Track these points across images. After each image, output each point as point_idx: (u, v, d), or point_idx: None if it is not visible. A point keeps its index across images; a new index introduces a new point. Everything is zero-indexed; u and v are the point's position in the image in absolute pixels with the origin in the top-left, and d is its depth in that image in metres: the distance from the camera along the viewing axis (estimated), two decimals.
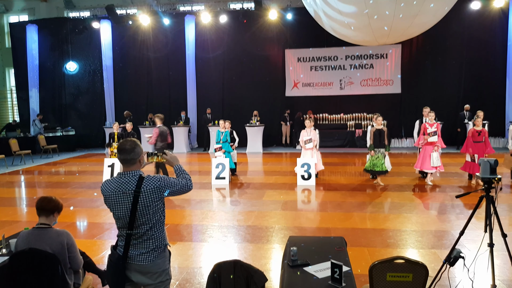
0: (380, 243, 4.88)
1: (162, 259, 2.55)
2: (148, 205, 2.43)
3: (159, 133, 8.10)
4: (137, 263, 2.49)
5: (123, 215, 2.46)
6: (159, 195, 2.47)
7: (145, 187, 2.42)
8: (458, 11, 12.75)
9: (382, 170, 8.03)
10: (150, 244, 2.50)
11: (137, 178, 2.45)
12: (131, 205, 2.41)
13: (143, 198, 2.41)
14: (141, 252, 2.50)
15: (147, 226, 2.47)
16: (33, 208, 6.95)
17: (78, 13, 16.57)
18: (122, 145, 2.49)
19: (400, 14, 7.61)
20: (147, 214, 2.44)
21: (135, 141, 2.53)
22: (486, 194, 3.17)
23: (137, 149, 2.49)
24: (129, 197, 2.41)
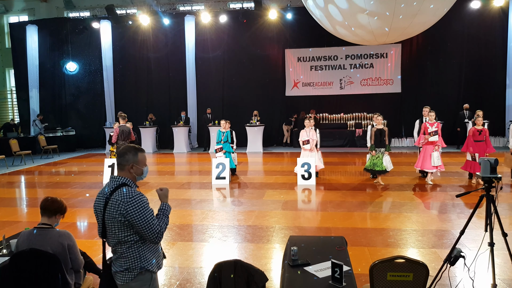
0: (380, 242, 4.88)
1: (138, 283, 2.34)
2: (113, 218, 2.25)
3: (119, 131, 8.65)
4: (116, 280, 2.40)
5: (98, 218, 2.37)
6: (122, 218, 2.24)
7: (113, 199, 2.25)
8: (458, 10, 12.76)
9: (382, 170, 8.04)
10: (122, 263, 2.35)
11: (116, 185, 2.30)
12: (102, 209, 2.31)
13: (109, 207, 2.26)
14: (116, 270, 2.40)
15: (115, 240, 2.34)
16: (33, 208, 6.99)
17: (78, 13, 16.56)
18: (119, 148, 2.45)
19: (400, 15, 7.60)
20: (113, 227, 2.28)
21: (130, 147, 2.40)
22: (487, 193, 3.17)
23: (128, 156, 2.35)
24: (103, 201, 2.31)
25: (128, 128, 8.88)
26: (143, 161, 2.42)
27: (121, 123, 8.90)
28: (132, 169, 2.37)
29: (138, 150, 2.41)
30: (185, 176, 9.97)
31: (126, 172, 2.38)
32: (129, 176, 2.38)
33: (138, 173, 2.41)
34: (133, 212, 2.22)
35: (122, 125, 8.86)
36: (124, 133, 8.75)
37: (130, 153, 2.37)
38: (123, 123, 8.91)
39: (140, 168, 2.40)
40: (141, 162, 2.40)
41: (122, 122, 8.92)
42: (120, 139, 8.70)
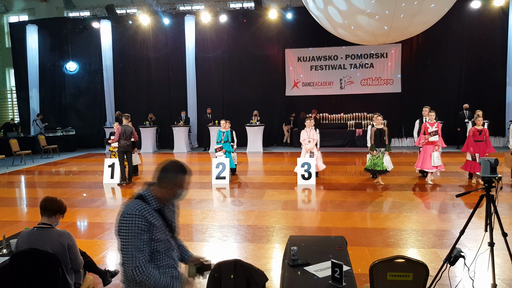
0: (380, 242, 4.88)
1: None
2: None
3: (121, 131, 8.72)
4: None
5: None
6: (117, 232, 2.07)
7: (122, 210, 2.09)
8: (458, 10, 12.75)
9: (382, 170, 8.04)
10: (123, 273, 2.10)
11: (135, 195, 2.16)
12: None
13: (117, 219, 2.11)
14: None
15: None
16: (33, 208, 6.99)
17: (78, 13, 16.56)
18: (162, 163, 2.18)
19: (401, 14, 7.60)
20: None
21: (176, 165, 2.16)
22: (487, 193, 3.17)
23: (169, 174, 2.12)
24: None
25: (130, 128, 8.91)
26: (182, 184, 2.16)
27: (124, 122, 8.96)
28: (166, 190, 2.14)
29: (182, 172, 2.15)
30: None
31: (158, 187, 2.16)
32: (158, 193, 2.16)
33: (172, 195, 2.17)
34: (120, 229, 2.03)
35: (125, 124, 8.90)
36: (126, 132, 8.81)
37: (171, 172, 2.14)
38: (126, 122, 8.95)
39: (176, 191, 2.16)
40: (180, 184, 2.15)
41: (125, 121, 8.97)
42: (122, 139, 8.77)
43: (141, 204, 2.09)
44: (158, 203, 2.16)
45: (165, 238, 2.17)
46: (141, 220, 2.04)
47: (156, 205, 2.15)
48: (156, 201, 2.15)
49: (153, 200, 2.14)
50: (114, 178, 9.07)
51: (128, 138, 8.83)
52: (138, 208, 2.07)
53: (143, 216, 2.05)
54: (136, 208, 2.06)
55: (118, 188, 8.59)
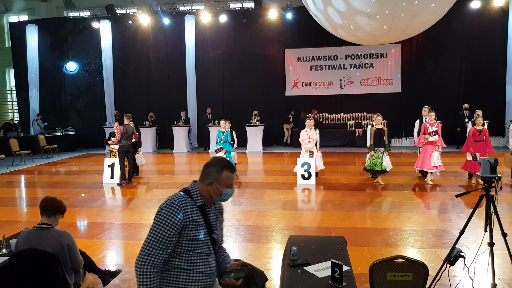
0: (380, 242, 4.88)
1: None
2: None
3: (123, 131, 8.75)
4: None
5: None
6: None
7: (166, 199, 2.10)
8: (458, 10, 12.75)
9: (381, 170, 8.04)
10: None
11: (182, 189, 2.15)
12: None
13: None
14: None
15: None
16: (33, 208, 6.99)
17: (78, 13, 16.56)
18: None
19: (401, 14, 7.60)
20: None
21: (217, 160, 2.12)
22: (486, 193, 3.17)
23: (211, 169, 2.10)
24: None
25: (131, 128, 8.93)
26: (226, 181, 2.09)
27: (126, 122, 8.99)
28: (210, 186, 2.09)
29: (225, 167, 2.09)
30: (185, 176, 9.97)
31: (202, 184, 2.12)
32: (203, 191, 2.11)
33: (216, 194, 2.10)
34: (156, 214, 2.02)
35: (126, 124, 8.93)
36: (128, 132, 8.83)
37: (215, 167, 2.09)
38: (127, 122, 8.99)
39: (220, 189, 2.09)
40: (223, 181, 2.08)
41: (127, 121, 9.00)
42: (123, 138, 8.80)
43: (185, 198, 2.06)
44: (202, 200, 2.11)
45: (202, 239, 2.07)
46: (179, 212, 1.99)
47: (199, 201, 2.10)
48: (200, 198, 2.11)
49: (197, 196, 2.10)
50: (114, 178, 9.06)
51: (129, 138, 8.86)
52: (181, 200, 2.03)
53: (182, 209, 2.01)
54: (179, 200, 2.03)
55: (118, 188, 8.59)
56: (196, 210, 2.07)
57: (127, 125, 8.93)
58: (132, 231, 5.55)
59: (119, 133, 8.83)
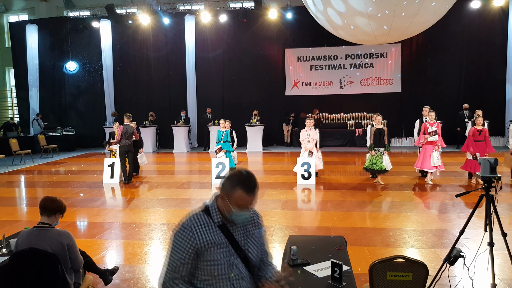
0: (380, 242, 4.88)
1: None
2: None
3: (123, 130, 8.82)
4: None
5: None
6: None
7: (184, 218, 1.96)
8: (458, 10, 12.74)
9: (381, 169, 8.04)
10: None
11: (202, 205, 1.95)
12: None
13: None
14: None
15: None
16: (33, 207, 6.99)
17: (78, 12, 16.56)
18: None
19: (403, 13, 7.59)
20: None
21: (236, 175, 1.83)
22: (486, 193, 3.17)
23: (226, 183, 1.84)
24: None
25: (132, 128, 8.99)
26: (237, 201, 1.80)
27: (126, 122, 9.05)
28: (223, 201, 1.85)
29: (240, 185, 1.79)
30: (185, 175, 9.98)
31: (219, 196, 1.90)
32: (220, 205, 1.88)
33: (227, 211, 1.85)
34: (172, 238, 1.86)
35: (126, 124, 8.99)
36: (128, 132, 8.91)
37: (230, 180, 1.83)
38: (127, 122, 9.05)
39: (229, 207, 1.82)
40: (235, 200, 1.80)
41: (127, 121, 9.06)
42: (124, 138, 8.88)
43: (202, 218, 1.86)
44: (221, 217, 1.87)
45: (225, 261, 1.84)
46: (192, 237, 1.80)
47: (219, 220, 1.87)
48: (219, 215, 1.87)
49: (216, 213, 1.88)
50: (114, 178, 9.07)
51: (129, 137, 8.91)
52: (196, 222, 1.84)
53: (196, 233, 1.81)
54: (193, 222, 1.84)
55: (118, 188, 8.59)
56: (217, 230, 1.85)
57: (127, 124, 8.98)
58: (132, 230, 5.55)
59: (119, 133, 8.89)
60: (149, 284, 3.87)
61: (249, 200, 1.81)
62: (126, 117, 9.13)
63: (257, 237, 1.99)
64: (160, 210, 6.53)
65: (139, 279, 3.96)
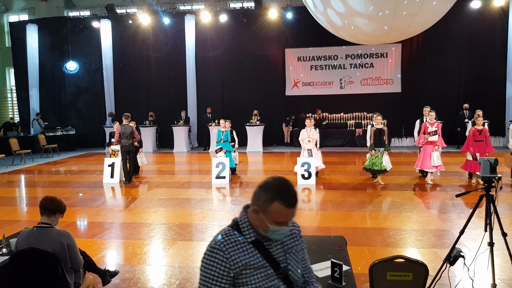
0: (380, 242, 4.88)
1: None
2: None
3: (120, 131, 8.88)
4: None
5: None
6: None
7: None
8: (459, 10, 12.75)
9: (381, 169, 8.03)
10: None
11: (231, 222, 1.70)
12: None
13: None
14: None
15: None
16: (33, 207, 6.99)
17: (78, 12, 16.57)
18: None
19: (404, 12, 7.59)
20: None
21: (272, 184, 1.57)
22: (486, 193, 3.17)
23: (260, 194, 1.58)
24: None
25: (130, 128, 8.97)
26: (275, 216, 1.55)
27: (124, 122, 9.05)
28: (256, 215, 1.59)
29: (279, 197, 1.53)
30: (185, 175, 9.98)
31: (250, 209, 1.64)
32: (251, 218, 1.63)
33: (262, 227, 1.59)
34: (201, 263, 1.62)
35: (124, 124, 9.00)
36: (126, 132, 8.92)
37: (266, 192, 1.56)
38: (126, 122, 9.05)
39: (265, 223, 1.57)
40: (272, 215, 1.55)
41: (125, 121, 9.07)
42: (123, 138, 8.91)
43: (232, 236, 1.61)
44: (253, 233, 1.62)
45: (264, 285, 1.60)
46: (224, 261, 1.56)
47: (251, 236, 1.62)
48: (251, 231, 1.62)
49: (248, 229, 1.63)
50: (114, 178, 9.07)
51: (128, 137, 8.89)
52: (226, 241, 1.59)
53: (228, 254, 1.57)
54: (222, 241, 1.59)
55: (118, 188, 8.60)
56: (250, 249, 1.60)
57: (126, 125, 8.99)
58: (132, 230, 5.55)
59: (117, 133, 8.93)
60: (149, 284, 3.87)
61: (289, 215, 1.55)
62: (125, 117, 9.13)
63: (297, 252, 1.73)
64: (160, 210, 6.54)
65: (139, 279, 3.96)
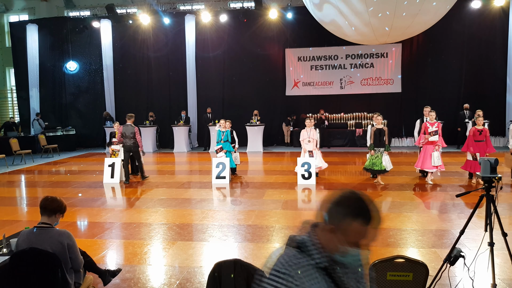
0: (380, 242, 4.88)
1: None
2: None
3: (122, 131, 8.99)
4: None
5: None
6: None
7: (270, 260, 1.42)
8: (459, 10, 12.74)
9: (381, 169, 8.03)
10: None
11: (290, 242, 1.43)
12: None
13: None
14: None
15: None
16: (33, 207, 7.00)
17: (78, 12, 16.57)
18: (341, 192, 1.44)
19: (403, 13, 7.60)
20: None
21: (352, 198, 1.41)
22: (487, 193, 3.17)
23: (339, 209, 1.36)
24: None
25: (132, 128, 9.00)
26: (354, 236, 1.33)
27: (127, 122, 9.12)
28: (331, 235, 1.34)
29: (360, 215, 1.34)
30: (185, 175, 9.98)
31: (322, 228, 1.38)
32: (323, 239, 1.37)
33: (338, 250, 1.36)
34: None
35: (127, 124, 9.06)
36: (126, 132, 8.96)
37: (344, 208, 1.35)
38: (129, 122, 9.11)
39: (343, 246, 1.34)
40: (350, 235, 1.33)
41: (128, 122, 9.13)
42: (124, 138, 8.98)
43: (300, 259, 1.34)
44: (325, 257, 1.36)
45: None
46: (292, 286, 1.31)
47: (322, 261, 1.35)
48: (321, 254, 1.36)
49: (318, 252, 1.36)
50: (114, 178, 9.07)
51: (130, 137, 8.94)
52: (295, 264, 1.33)
53: (297, 280, 1.31)
54: (291, 265, 1.32)
55: (118, 188, 8.60)
56: (321, 276, 1.35)
57: (128, 125, 9.02)
58: (132, 230, 5.55)
59: (118, 133, 8.99)
60: (149, 284, 3.87)
61: (372, 236, 1.35)
62: (127, 117, 9.19)
63: (361, 278, 1.48)
64: (161, 210, 6.54)
65: (140, 279, 3.96)
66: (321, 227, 1.38)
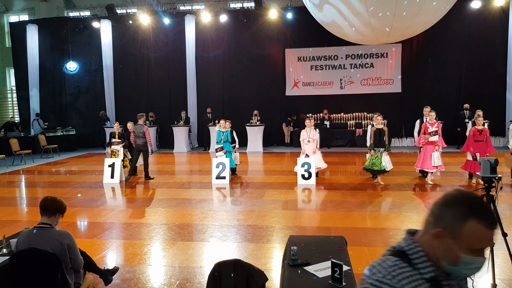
0: (380, 242, 4.88)
1: None
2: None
3: (133, 130, 9.20)
4: None
5: None
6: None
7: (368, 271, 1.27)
8: (459, 10, 12.74)
9: (381, 169, 8.03)
10: None
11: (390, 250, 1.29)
12: None
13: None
14: None
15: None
16: (33, 207, 7.00)
17: (78, 12, 16.56)
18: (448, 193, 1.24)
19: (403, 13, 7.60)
20: None
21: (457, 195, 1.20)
22: (487, 193, 3.17)
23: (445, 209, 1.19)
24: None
25: (141, 128, 9.11)
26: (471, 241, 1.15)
27: (139, 122, 9.27)
28: (438, 241, 1.18)
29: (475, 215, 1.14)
30: (185, 175, 9.98)
31: (426, 234, 1.23)
32: (427, 247, 1.21)
33: (448, 258, 1.18)
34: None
35: (139, 124, 9.22)
36: (137, 131, 9.12)
37: (455, 208, 1.17)
38: (140, 122, 9.26)
39: (454, 252, 1.17)
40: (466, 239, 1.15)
41: (139, 121, 9.27)
42: (135, 137, 9.14)
43: (404, 269, 1.19)
44: (431, 266, 1.21)
45: None
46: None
47: (429, 271, 1.20)
48: (428, 263, 1.21)
49: (422, 261, 1.21)
50: (114, 178, 9.07)
51: (140, 136, 9.09)
52: (399, 275, 1.17)
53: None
54: (395, 275, 1.17)
55: (118, 188, 8.60)
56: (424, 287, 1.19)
57: (139, 124, 9.17)
58: (132, 230, 5.55)
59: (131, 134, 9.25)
60: (149, 284, 3.87)
61: (489, 240, 1.16)
62: (138, 117, 9.35)
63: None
64: (161, 210, 6.54)
65: (140, 279, 3.96)
66: (422, 232, 1.24)
